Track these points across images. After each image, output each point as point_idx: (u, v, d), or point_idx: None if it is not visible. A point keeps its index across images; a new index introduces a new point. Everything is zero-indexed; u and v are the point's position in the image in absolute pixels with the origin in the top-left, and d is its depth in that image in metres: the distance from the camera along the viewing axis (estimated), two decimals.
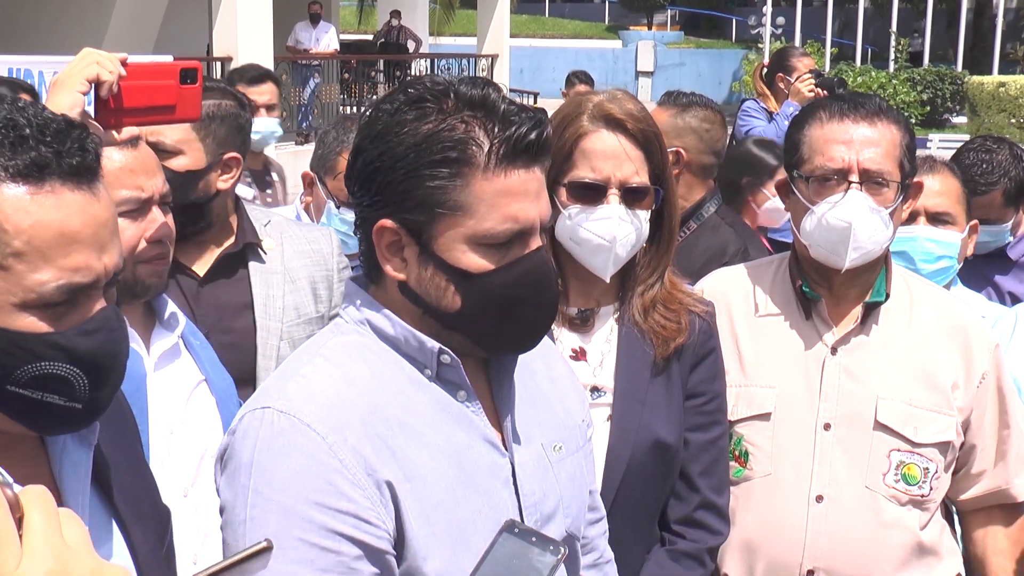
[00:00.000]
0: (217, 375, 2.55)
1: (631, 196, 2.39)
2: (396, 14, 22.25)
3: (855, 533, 2.56)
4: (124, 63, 2.20)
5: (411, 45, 22.15)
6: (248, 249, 3.03)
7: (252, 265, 3.04)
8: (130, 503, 1.67)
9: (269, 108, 5.89)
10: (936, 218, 3.23)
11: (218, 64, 15.25)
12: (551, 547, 1.57)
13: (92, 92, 2.18)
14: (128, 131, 2.27)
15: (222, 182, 2.98)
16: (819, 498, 2.56)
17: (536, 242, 1.77)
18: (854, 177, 2.52)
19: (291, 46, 19.20)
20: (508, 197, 1.71)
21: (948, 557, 2.67)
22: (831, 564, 2.55)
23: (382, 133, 1.73)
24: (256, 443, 1.68)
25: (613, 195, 2.38)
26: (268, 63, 15.88)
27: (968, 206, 3.32)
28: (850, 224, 2.50)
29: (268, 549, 1.34)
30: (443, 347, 1.78)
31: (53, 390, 1.45)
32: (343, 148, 3.56)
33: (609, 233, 2.36)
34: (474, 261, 1.72)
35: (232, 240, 3.02)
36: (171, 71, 2.26)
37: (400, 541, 1.70)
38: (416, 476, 1.71)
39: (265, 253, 3.06)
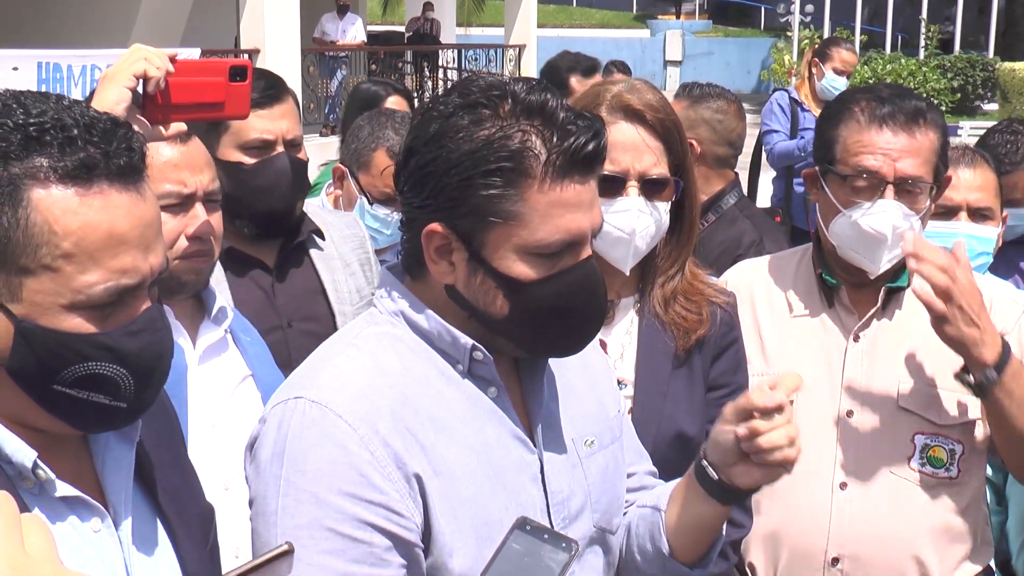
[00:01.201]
0: (265, 371, 2.56)
1: (650, 188, 2.37)
2: (429, 6, 22.22)
3: (880, 519, 2.54)
4: (173, 60, 2.22)
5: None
6: (308, 237, 3.10)
7: (313, 253, 3.11)
8: (174, 500, 1.67)
9: None
10: (978, 213, 3.19)
11: (245, 57, 15.28)
12: (563, 544, 1.56)
13: (140, 87, 2.20)
14: (176, 127, 2.29)
15: None
16: (843, 485, 2.55)
17: (587, 251, 1.76)
18: (889, 185, 2.48)
19: (318, 38, 19.24)
20: (562, 208, 1.70)
21: (982, 547, 2.65)
22: (856, 551, 2.53)
23: (436, 136, 1.71)
24: (288, 433, 1.68)
25: (632, 187, 2.36)
26: (295, 55, 15.97)
27: (1002, 198, 3.28)
28: (885, 235, 2.48)
29: (289, 552, 1.34)
30: (476, 343, 1.77)
31: (99, 390, 1.46)
32: (378, 144, 3.57)
33: (628, 226, 2.35)
34: (524, 270, 1.71)
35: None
36: (221, 68, 2.27)
37: (427, 535, 1.70)
38: (445, 471, 1.71)
39: (324, 240, 3.12)
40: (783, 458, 1.81)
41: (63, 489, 1.48)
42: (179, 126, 2.30)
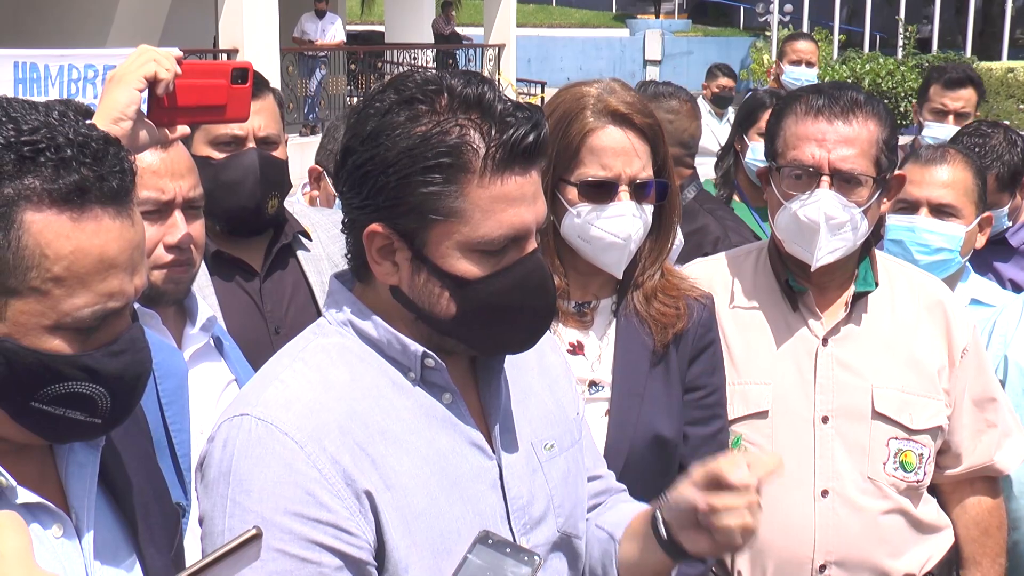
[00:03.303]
0: (247, 375, 2.55)
1: (640, 191, 2.36)
2: (449, 5, 22.01)
3: (862, 524, 2.56)
4: (180, 61, 2.19)
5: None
6: (294, 239, 3.07)
7: (300, 254, 3.07)
8: (139, 504, 1.66)
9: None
10: (939, 210, 3.19)
11: (224, 57, 15.23)
12: (526, 557, 1.55)
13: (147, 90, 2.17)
14: (181, 130, 2.26)
15: None
16: (824, 492, 2.57)
17: (531, 245, 1.72)
18: (825, 175, 2.49)
19: (297, 37, 19.19)
20: (504, 203, 1.65)
21: (945, 531, 2.71)
22: (842, 557, 2.56)
23: (373, 134, 1.66)
24: (234, 452, 1.65)
25: (624, 192, 2.35)
26: (274, 55, 15.92)
27: (980, 199, 3.27)
28: (818, 225, 2.48)
29: (258, 536, 1.33)
30: (427, 351, 1.73)
31: (76, 407, 1.45)
32: None
33: (624, 231, 2.34)
34: (468, 268, 1.67)
35: (272, 231, 3.05)
36: (223, 70, 2.25)
37: (381, 552, 1.67)
38: (397, 485, 1.68)
39: (310, 240, 3.09)
40: (730, 542, 1.75)
41: (24, 496, 1.47)
42: (184, 129, 2.27)
